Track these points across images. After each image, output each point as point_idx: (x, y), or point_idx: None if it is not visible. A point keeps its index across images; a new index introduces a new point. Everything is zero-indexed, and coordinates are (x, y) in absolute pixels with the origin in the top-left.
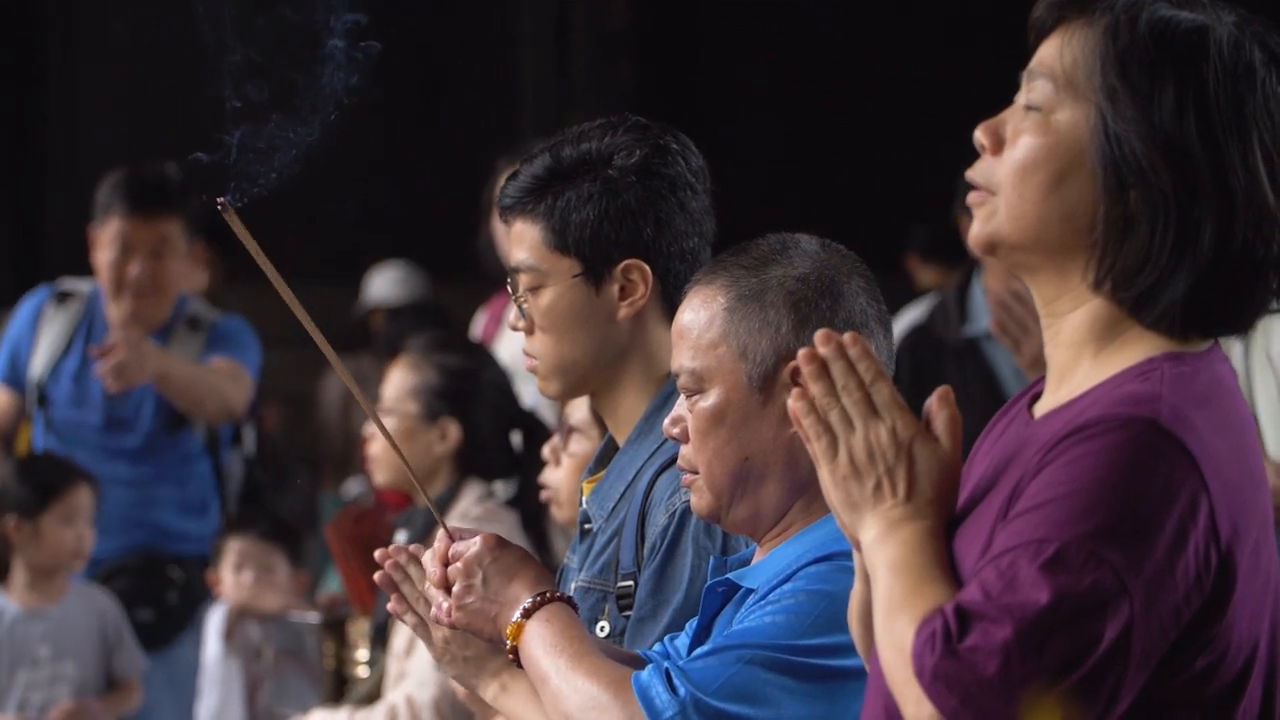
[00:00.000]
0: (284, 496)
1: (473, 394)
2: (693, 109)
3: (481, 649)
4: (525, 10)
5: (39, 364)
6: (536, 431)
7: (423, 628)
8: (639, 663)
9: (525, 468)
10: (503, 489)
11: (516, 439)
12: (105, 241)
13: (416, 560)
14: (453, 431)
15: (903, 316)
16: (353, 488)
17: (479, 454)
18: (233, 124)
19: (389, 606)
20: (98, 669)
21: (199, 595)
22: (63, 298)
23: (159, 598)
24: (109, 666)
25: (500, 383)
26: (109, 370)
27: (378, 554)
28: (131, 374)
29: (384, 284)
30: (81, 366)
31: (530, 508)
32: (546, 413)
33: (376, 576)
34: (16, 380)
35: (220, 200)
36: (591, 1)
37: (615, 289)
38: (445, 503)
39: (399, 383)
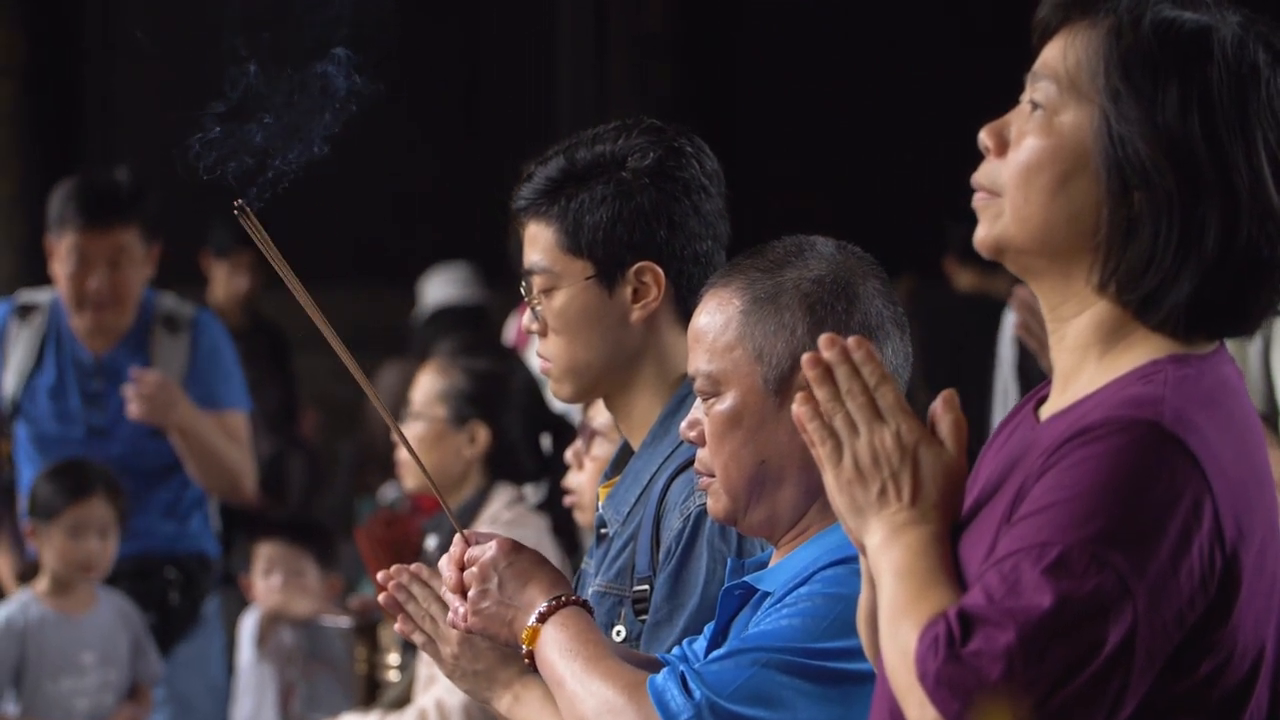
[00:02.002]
0: (321, 501)
1: (501, 397)
2: (730, 111)
3: (491, 661)
4: (562, 13)
5: (11, 382)
6: (566, 435)
7: (431, 645)
8: (655, 666)
9: (555, 471)
10: (533, 493)
11: (546, 442)
12: (62, 254)
13: (419, 579)
14: (482, 435)
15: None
16: (389, 492)
17: (508, 457)
18: (265, 128)
19: (396, 628)
20: (130, 676)
21: (200, 593)
22: (24, 311)
23: (160, 601)
24: (139, 669)
25: (529, 386)
26: (136, 398)
27: (380, 575)
28: (157, 411)
29: (448, 285)
30: (57, 381)
31: (560, 511)
32: (578, 416)
33: (380, 598)
34: None
35: (238, 203)
36: (628, 4)
37: (628, 291)
38: (475, 507)
39: (427, 387)
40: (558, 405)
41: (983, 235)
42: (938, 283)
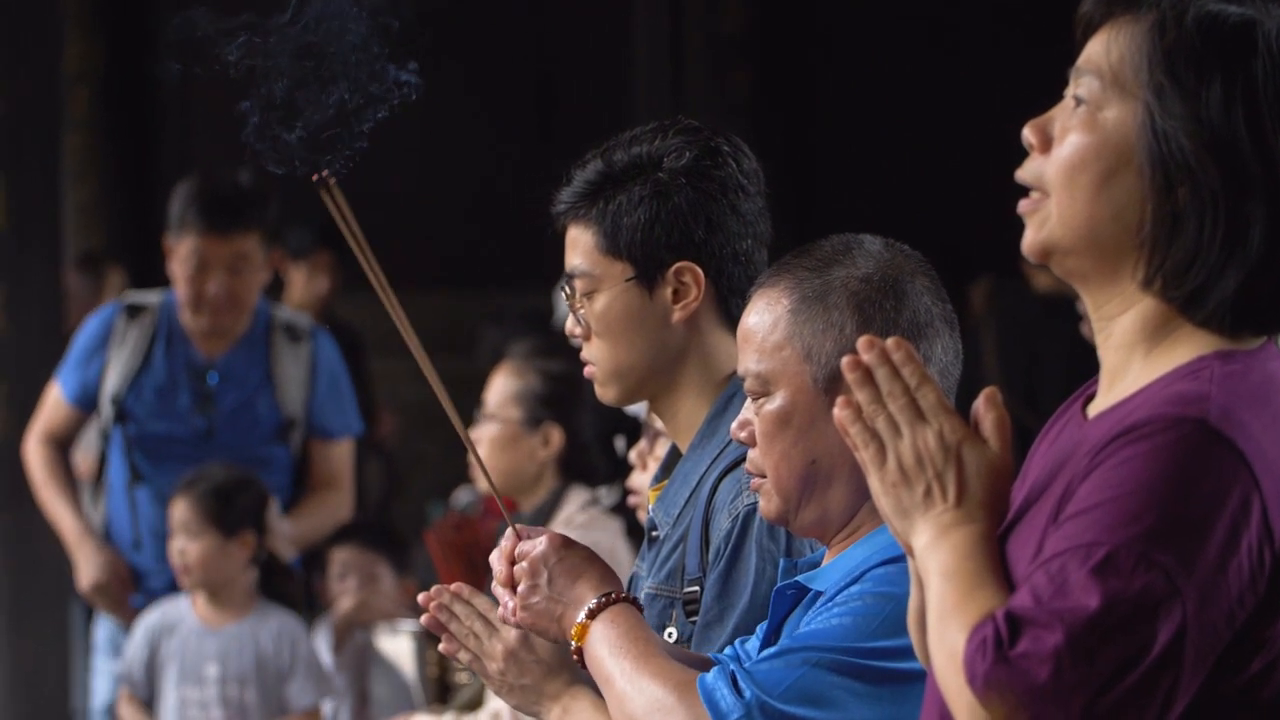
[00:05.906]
0: (399, 504)
1: (575, 399)
2: (808, 114)
3: (538, 675)
4: (639, 17)
5: (113, 380)
6: (640, 436)
7: (478, 662)
8: (707, 665)
9: (629, 473)
10: (607, 495)
11: (620, 444)
12: (181, 256)
13: (460, 597)
14: (555, 437)
15: None
16: (464, 495)
17: (582, 459)
18: (337, 139)
19: (441, 648)
20: (264, 695)
21: (288, 605)
22: (133, 312)
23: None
24: (283, 694)
25: None
26: None
27: (421, 598)
28: None
29: None
30: (167, 380)
31: (635, 513)
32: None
33: (423, 619)
34: (86, 400)
35: (320, 175)
36: (705, 7)
37: (668, 292)
38: (549, 509)
39: (501, 389)
40: (631, 406)
41: (1030, 240)
42: (1016, 283)
